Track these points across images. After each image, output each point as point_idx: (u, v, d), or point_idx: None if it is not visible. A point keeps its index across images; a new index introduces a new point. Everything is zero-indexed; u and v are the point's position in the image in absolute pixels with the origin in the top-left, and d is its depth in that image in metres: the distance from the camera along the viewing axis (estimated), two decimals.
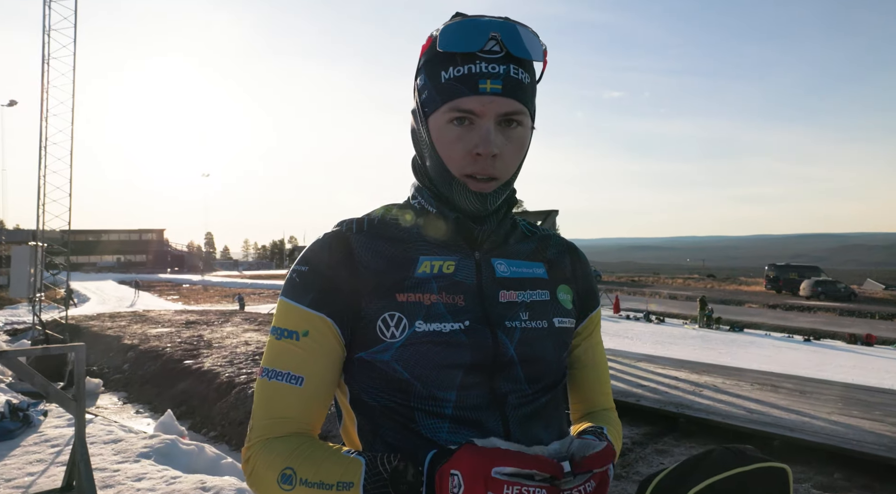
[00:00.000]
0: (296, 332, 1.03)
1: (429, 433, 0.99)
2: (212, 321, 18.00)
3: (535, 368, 1.07)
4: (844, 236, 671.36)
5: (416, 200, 1.14)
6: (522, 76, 1.02)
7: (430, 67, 1.04)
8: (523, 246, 1.18)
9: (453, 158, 1.03)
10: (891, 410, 7.36)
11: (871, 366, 17.86)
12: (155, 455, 6.23)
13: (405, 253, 1.07)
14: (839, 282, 47.09)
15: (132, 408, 10.58)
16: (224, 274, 71.72)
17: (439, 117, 1.03)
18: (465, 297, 1.05)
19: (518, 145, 1.04)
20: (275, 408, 1.02)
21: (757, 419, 6.85)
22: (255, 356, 11.79)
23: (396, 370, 1.00)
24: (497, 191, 1.05)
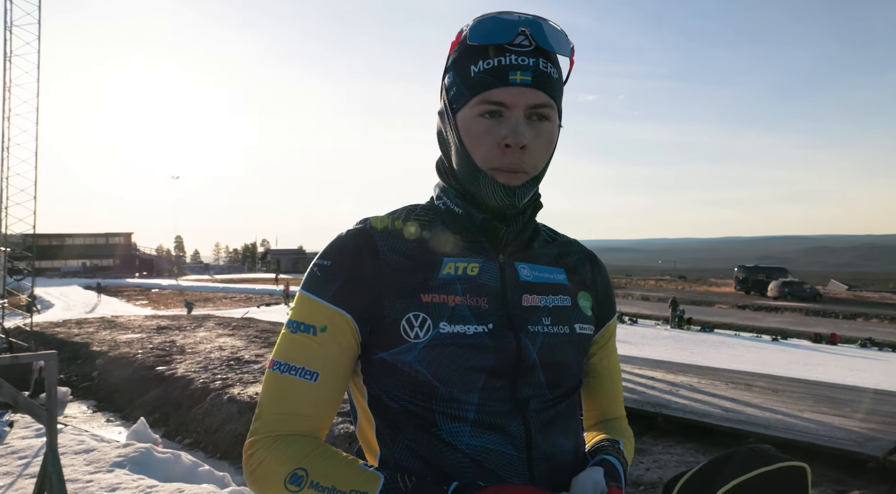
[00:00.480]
0: (313, 326, 1.02)
1: (450, 437, 0.99)
2: (184, 326, 17.73)
3: (556, 373, 1.07)
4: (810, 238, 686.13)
5: (440, 200, 1.13)
6: (551, 70, 1.02)
7: (460, 62, 1.04)
8: (546, 251, 1.18)
9: (481, 151, 1.02)
10: (858, 406, 7.54)
11: (836, 364, 18.28)
12: (129, 464, 6.09)
13: (429, 254, 1.06)
14: (805, 283, 48.14)
15: (103, 417, 10.36)
16: (195, 278, 70.68)
17: (468, 112, 1.02)
18: (489, 300, 1.04)
19: (547, 140, 1.04)
20: (286, 403, 1.00)
21: (732, 418, 6.95)
22: (229, 361, 11.63)
23: (419, 371, 0.99)
24: (525, 186, 1.04)
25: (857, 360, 19.86)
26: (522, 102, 0.99)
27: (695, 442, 6.71)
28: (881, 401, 7.91)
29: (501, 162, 1.01)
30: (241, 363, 11.46)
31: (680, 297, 35.75)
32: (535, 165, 1.04)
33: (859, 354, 22.06)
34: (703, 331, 27.83)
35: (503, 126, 1.00)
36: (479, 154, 1.02)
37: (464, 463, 0.98)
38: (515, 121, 0.99)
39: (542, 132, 1.03)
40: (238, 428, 8.26)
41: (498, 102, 0.99)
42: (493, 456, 0.99)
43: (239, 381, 9.93)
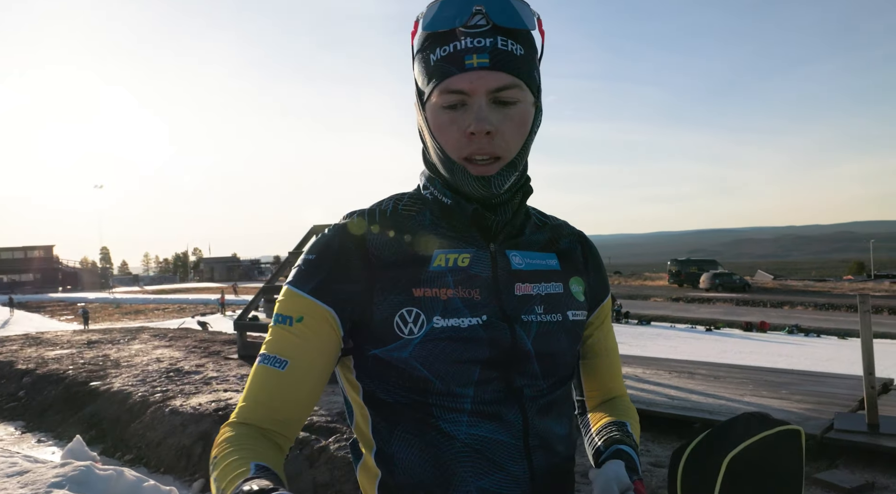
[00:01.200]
0: (290, 317, 1.00)
1: (448, 426, 0.98)
2: (117, 339, 17.07)
3: (550, 362, 1.06)
4: (737, 230, 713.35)
5: (427, 190, 1.10)
6: (513, 48, 0.97)
7: (421, 51, 1.01)
8: (537, 237, 1.15)
9: (450, 142, 0.99)
10: (795, 388, 7.86)
11: (766, 351, 19.07)
12: (69, 483, 5.80)
13: (419, 246, 1.03)
14: (734, 274, 50.03)
15: (33, 438, 9.85)
16: (124, 290, 68.35)
17: (434, 102, 0.99)
18: (481, 291, 1.02)
19: (518, 122, 0.99)
20: (255, 391, 1.00)
21: (678, 405, 7.13)
22: (168, 372, 11.26)
23: (415, 367, 0.97)
24: (503, 173, 1.00)
25: (785, 346, 20.79)
26: (482, 87, 0.95)
27: (643, 431, 6.81)
28: (815, 383, 8.29)
29: (470, 150, 0.98)
30: (182, 373, 11.12)
31: (616, 292, 36.63)
32: (508, 149, 0.99)
33: (788, 340, 23.09)
34: (640, 324, 28.60)
35: (467, 114, 0.97)
36: (448, 145, 0.99)
37: (462, 453, 0.98)
38: (478, 107, 0.95)
39: (512, 115, 0.98)
40: (182, 441, 8.00)
41: (457, 89, 0.96)
42: (492, 445, 0.99)
43: (180, 393, 9.62)
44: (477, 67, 0.94)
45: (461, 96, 0.96)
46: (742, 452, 0.94)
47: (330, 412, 7.98)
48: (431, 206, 1.08)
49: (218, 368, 11.56)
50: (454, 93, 0.96)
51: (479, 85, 0.95)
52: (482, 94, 0.95)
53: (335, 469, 6.55)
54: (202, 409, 8.51)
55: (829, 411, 6.54)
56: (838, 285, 48.45)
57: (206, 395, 9.29)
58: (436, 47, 0.97)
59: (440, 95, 0.97)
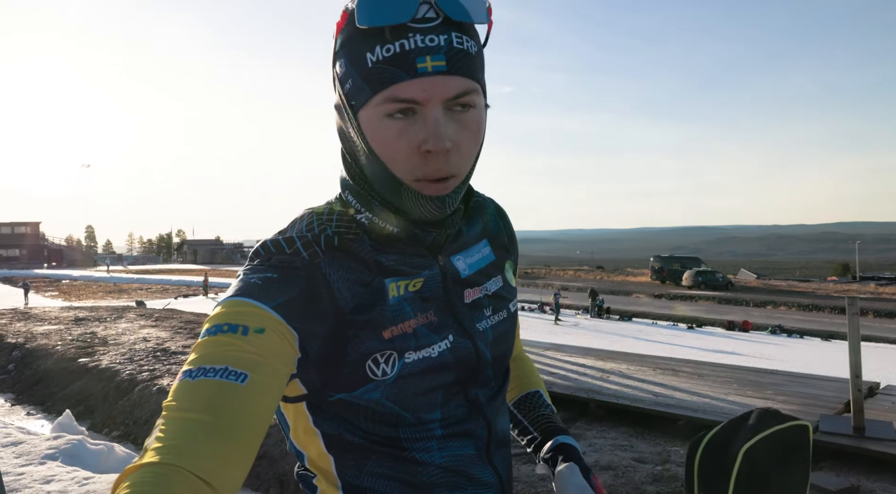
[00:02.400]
0: (246, 326, 0.77)
1: (420, 455, 0.93)
2: (104, 317, 17.03)
3: (502, 362, 1.05)
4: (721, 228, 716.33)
5: (363, 215, 0.93)
6: (468, 45, 0.83)
7: (351, 48, 0.84)
8: (472, 232, 1.05)
9: (397, 160, 0.84)
10: (779, 389, 7.98)
11: (749, 350, 19.26)
12: (62, 456, 5.87)
13: (371, 278, 0.90)
14: (717, 272, 50.36)
15: (23, 410, 9.88)
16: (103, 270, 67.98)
17: (372, 111, 0.83)
18: (436, 311, 0.94)
19: (474, 132, 0.87)
20: (200, 412, 0.69)
21: (662, 402, 7.22)
22: (155, 352, 11.28)
23: (385, 405, 0.89)
24: (456, 190, 0.89)
25: (768, 346, 20.99)
26: (438, 96, 0.81)
27: (627, 426, 6.95)
28: (799, 383, 8.42)
29: (425, 170, 0.84)
30: (168, 354, 11.15)
31: (598, 287, 36.85)
32: (464, 165, 0.88)
33: (770, 340, 23.32)
34: (622, 320, 28.78)
35: (419, 127, 0.82)
36: (396, 165, 0.85)
37: (436, 474, 0.95)
38: (434, 120, 0.81)
39: (468, 124, 0.85)
40: None
41: (408, 99, 0.80)
42: (462, 460, 0.97)
43: (167, 372, 9.66)
44: (432, 71, 0.80)
45: (411, 105, 0.81)
46: (757, 443, 1.01)
47: None
48: (369, 231, 0.93)
49: None
50: (403, 102, 0.81)
51: (434, 93, 0.80)
52: (438, 103, 0.81)
53: None
54: None
55: (815, 412, 6.64)
56: (823, 286, 48.94)
57: None
58: (374, 45, 0.81)
59: (384, 102, 0.81)
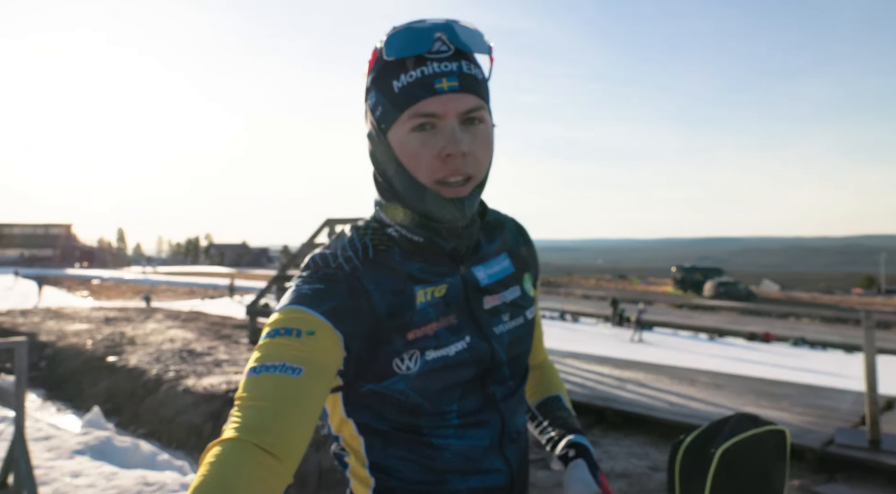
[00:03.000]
0: (299, 330, 0.92)
1: (438, 441, 1.05)
2: (132, 317, 17.40)
3: (517, 363, 1.16)
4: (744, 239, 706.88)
5: (391, 228, 1.09)
6: (475, 71, 1.02)
7: (381, 80, 1.02)
8: (491, 246, 1.19)
9: (421, 166, 1.00)
10: (796, 401, 7.96)
11: (770, 362, 19.09)
12: (90, 451, 6.08)
13: (402, 286, 1.05)
14: (740, 283, 49.80)
15: (53, 406, 10.17)
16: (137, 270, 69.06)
17: (399, 129, 1.00)
18: (457, 315, 1.07)
19: (485, 142, 1.03)
20: (265, 398, 0.85)
21: (678, 412, 7.26)
22: (181, 352, 11.53)
23: (409, 395, 1.02)
24: (474, 193, 1.04)
25: (789, 358, 20.74)
26: (453, 109, 0.98)
27: (642, 435, 6.99)
28: (817, 396, 8.37)
29: (444, 172, 0.99)
30: (194, 355, 11.38)
31: (620, 296, 36.65)
32: (479, 168, 1.03)
33: (792, 352, 23.01)
34: (643, 329, 28.61)
35: (439, 137, 0.99)
36: (419, 170, 1.00)
37: (452, 461, 1.06)
38: (451, 129, 0.98)
39: (479, 135, 1.02)
40: (193, 419, 8.25)
41: (429, 113, 0.98)
42: (476, 449, 1.08)
43: (193, 373, 9.87)
44: (447, 90, 0.97)
45: (431, 119, 0.98)
46: (733, 446, 1.12)
47: None
48: (399, 243, 1.08)
49: (229, 351, 11.81)
50: (425, 116, 0.98)
51: (450, 107, 0.98)
52: (453, 116, 0.98)
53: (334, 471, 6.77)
54: (213, 390, 8.76)
55: (831, 425, 6.61)
56: (846, 299, 48.25)
57: (217, 376, 9.53)
58: (399, 74, 0.99)
59: (409, 119, 0.98)
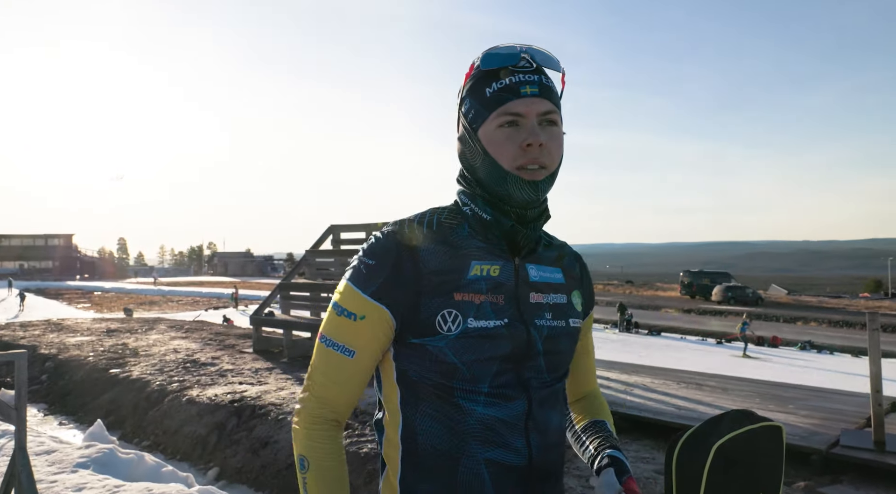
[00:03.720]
0: (354, 314, 1.20)
1: (466, 404, 1.18)
2: (135, 328, 17.39)
3: (554, 360, 1.27)
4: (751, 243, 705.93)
5: (467, 206, 1.28)
6: (552, 84, 1.23)
7: (476, 88, 1.23)
8: (548, 254, 1.35)
9: (505, 155, 1.18)
10: (802, 404, 7.90)
11: (778, 365, 19.02)
12: (93, 464, 6.04)
13: (459, 256, 1.22)
14: (747, 287, 49.64)
15: (55, 420, 10.13)
16: (139, 281, 68.98)
17: (489, 125, 1.20)
18: (505, 297, 1.21)
19: (558, 140, 1.22)
20: (329, 370, 1.22)
21: (685, 415, 7.21)
22: (185, 363, 11.50)
23: (448, 355, 1.16)
24: (546, 181, 1.21)
25: (797, 362, 20.74)
26: (534, 110, 1.18)
27: (650, 439, 6.95)
28: (823, 398, 8.32)
29: (524, 159, 1.17)
30: (198, 365, 11.35)
31: (627, 301, 36.59)
32: (553, 160, 1.21)
33: (800, 356, 22.98)
34: (650, 334, 28.56)
35: (522, 131, 1.18)
36: (504, 158, 1.19)
37: (475, 428, 1.18)
38: (532, 126, 1.18)
39: (554, 134, 1.21)
40: (198, 430, 8.22)
41: (515, 112, 1.18)
42: (499, 424, 1.18)
43: (197, 383, 9.84)
44: (530, 94, 1.18)
45: (517, 118, 1.18)
46: (729, 441, 1.10)
47: None
48: (470, 220, 1.27)
49: (233, 361, 11.78)
50: (511, 115, 1.18)
51: (532, 108, 1.18)
52: (534, 116, 1.18)
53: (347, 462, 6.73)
54: (218, 400, 8.72)
55: (836, 427, 6.61)
56: (854, 303, 48.07)
57: (221, 387, 9.50)
58: (491, 82, 1.21)
59: (498, 117, 1.19)
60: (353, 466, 6.56)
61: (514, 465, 1.19)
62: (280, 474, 6.90)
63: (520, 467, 1.19)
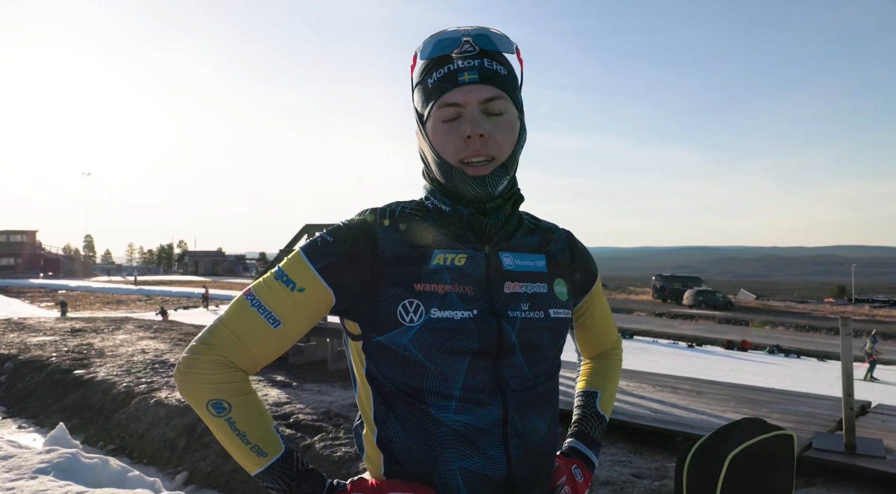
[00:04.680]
0: (294, 283, 1.13)
1: (438, 413, 1.10)
2: (101, 328, 16.98)
3: (533, 355, 1.17)
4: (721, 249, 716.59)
5: (429, 201, 1.23)
6: (497, 68, 1.14)
7: (419, 79, 1.17)
8: (528, 240, 1.26)
9: (447, 148, 1.12)
10: (775, 406, 7.98)
11: (746, 369, 19.24)
12: (54, 470, 5.81)
13: (421, 246, 1.15)
14: (718, 292, 50.39)
15: (13, 423, 9.80)
16: (106, 280, 67.76)
17: (432, 119, 1.14)
18: (474, 287, 1.14)
19: (507, 128, 1.14)
20: (244, 331, 1.12)
21: (661, 418, 7.22)
22: (154, 364, 11.25)
23: (412, 352, 1.09)
24: (496, 173, 1.13)
25: (766, 365, 21.00)
26: (474, 98, 1.10)
27: (626, 442, 6.92)
28: (794, 402, 8.41)
29: (467, 152, 1.11)
30: (167, 366, 11.11)
31: None
32: (500, 150, 1.13)
33: (768, 360, 23.30)
34: (622, 338, 28.66)
35: (463, 124, 1.11)
36: (446, 151, 1.13)
37: (448, 436, 1.10)
38: (472, 115, 1.10)
39: (501, 123, 1.13)
40: (166, 433, 8.02)
41: (453, 102, 1.11)
42: (474, 431, 1.10)
43: (165, 385, 9.62)
44: (468, 81, 1.11)
45: (457, 109, 1.11)
46: (743, 451, 1.03)
47: (316, 411, 8.02)
48: (432, 213, 1.21)
49: None
50: (450, 106, 1.11)
51: (470, 97, 1.10)
52: (474, 104, 1.11)
53: (319, 466, 6.58)
54: (187, 402, 8.52)
55: (809, 430, 6.66)
56: (819, 308, 49.05)
57: None
58: (432, 72, 1.14)
59: (438, 109, 1.12)
60: (326, 470, 6.43)
61: (492, 475, 1.10)
62: (251, 478, 6.73)
63: (498, 477, 1.11)
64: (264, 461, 1.09)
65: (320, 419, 7.68)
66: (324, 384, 10.13)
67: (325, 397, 9.02)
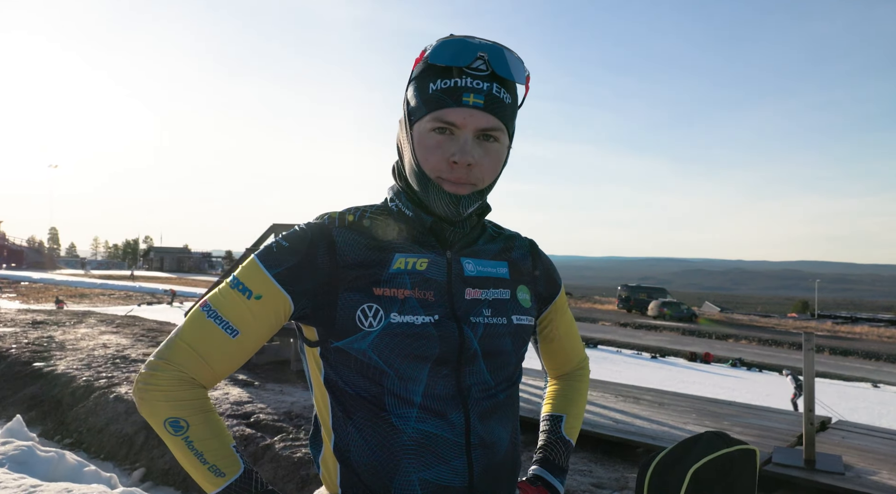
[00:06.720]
0: (250, 291, 1.10)
1: (398, 422, 1.08)
2: (63, 321, 16.63)
3: (496, 361, 1.16)
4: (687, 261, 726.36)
5: (393, 203, 1.21)
6: (504, 96, 1.10)
7: (420, 78, 1.12)
8: (490, 247, 1.26)
9: (430, 162, 1.10)
10: (736, 420, 8.07)
11: (709, 382, 19.49)
12: (9, 462, 5.68)
13: (381, 250, 1.14)
14: (682, 304, 50.97)
15: None
16: (70, 273, 66.41)
17: (423, 125, 1.10)
18: (435, 293, 1.13)
19: (495, 159, 1.12)
20: (202, 344, 1.09)
21: (623, 429, 7.26)
22: (115, 359, 11.04)
23: (372, 357, 1.07)
24: (471, 196, 1.12)
25: (728, 378, 21.30)
26: (472, 124, 1.07)
27: (587, 452, 6.96)
28: (755, 415, 8.52)
29: (449, 175, 1.09)
30: (128, 361, 10.93)
31: None
32: (482, 179, 1.12)
33: (730, 373, 23.63)
34: (587, 347, 28.91)
35: (453, 143, 1.08)
36: (428, 165, 1.10)
37: (408, 446, 1.08)
38: (464, 140, 1.07)
39: (490, 151, 1.11)
40: (124, 428, 7.87)
41: (450, 121, 1.07)
42: (436, 440, 1.08)
43: (126, 380, 9.46)
44: (472, 105, 1.06)
45: (451, 127, 1.08)
46: (705, 465, 1.05)
47: (277, 411, 7.95)
48: (395, 216, 1.19)
49: None
50: (446, 123, 1.07)
51: (470, 122, 1.07)
52: (471, 130, 1.08)
53: (279, 467, 6.53)
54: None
55: (769, 444, 6.73)
56: (782, 322, 49.94)
57: None
58: (436, 78, 1.08)
59: (432, 120, 1.08)
60: (286, 471, 6.38)
61: (453, 487, 1.08)
62: None
63: (458, 489, 1.08)
64: (222, 481, 1.06)
65: (281, 419, 7.62)
66: (286, 384, 10.04)
67: (286, 397, 8.94)
